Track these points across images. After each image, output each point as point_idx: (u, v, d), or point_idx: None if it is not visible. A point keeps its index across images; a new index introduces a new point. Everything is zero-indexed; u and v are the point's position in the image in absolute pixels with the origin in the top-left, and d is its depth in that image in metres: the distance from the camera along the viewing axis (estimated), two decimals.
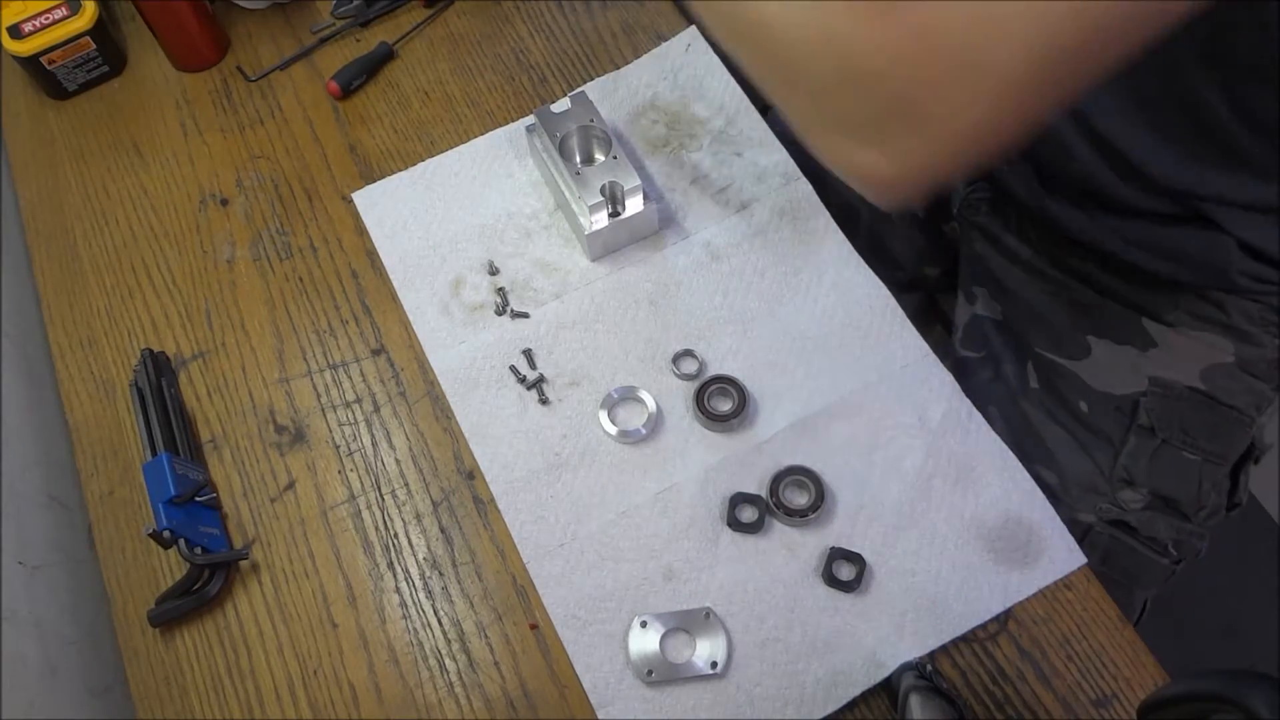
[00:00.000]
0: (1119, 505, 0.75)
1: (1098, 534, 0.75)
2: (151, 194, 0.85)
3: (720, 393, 0.70)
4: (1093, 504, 0.75)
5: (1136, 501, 0.75)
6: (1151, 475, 0.74)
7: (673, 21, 0.88)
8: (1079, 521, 0.76)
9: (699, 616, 0.63)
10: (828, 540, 0.65)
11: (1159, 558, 0.76)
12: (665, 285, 0.75)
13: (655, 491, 0.68)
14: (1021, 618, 0.63)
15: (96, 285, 0.81)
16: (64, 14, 0.86)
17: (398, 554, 0.68)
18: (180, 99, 0.90)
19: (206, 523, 0.68)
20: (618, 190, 0.73)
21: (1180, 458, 0.74)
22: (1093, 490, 0.76)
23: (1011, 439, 0.75)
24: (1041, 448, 0.77)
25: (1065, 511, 0.77)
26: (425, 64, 0.89)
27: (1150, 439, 0.74)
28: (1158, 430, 0.74)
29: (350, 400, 0.74)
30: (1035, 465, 0.76)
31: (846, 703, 0.60)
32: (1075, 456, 0.76)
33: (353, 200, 0.82)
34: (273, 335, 0.77)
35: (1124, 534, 0.76)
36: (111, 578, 0.70)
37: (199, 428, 0.74)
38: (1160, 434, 0.74)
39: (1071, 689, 0.61)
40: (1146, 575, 0.77)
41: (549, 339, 0.74)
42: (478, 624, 0.65)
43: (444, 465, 0.71)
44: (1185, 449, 0.74)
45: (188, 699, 0.65)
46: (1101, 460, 0.76)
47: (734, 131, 0.82)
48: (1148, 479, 0.75)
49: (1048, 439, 0.77)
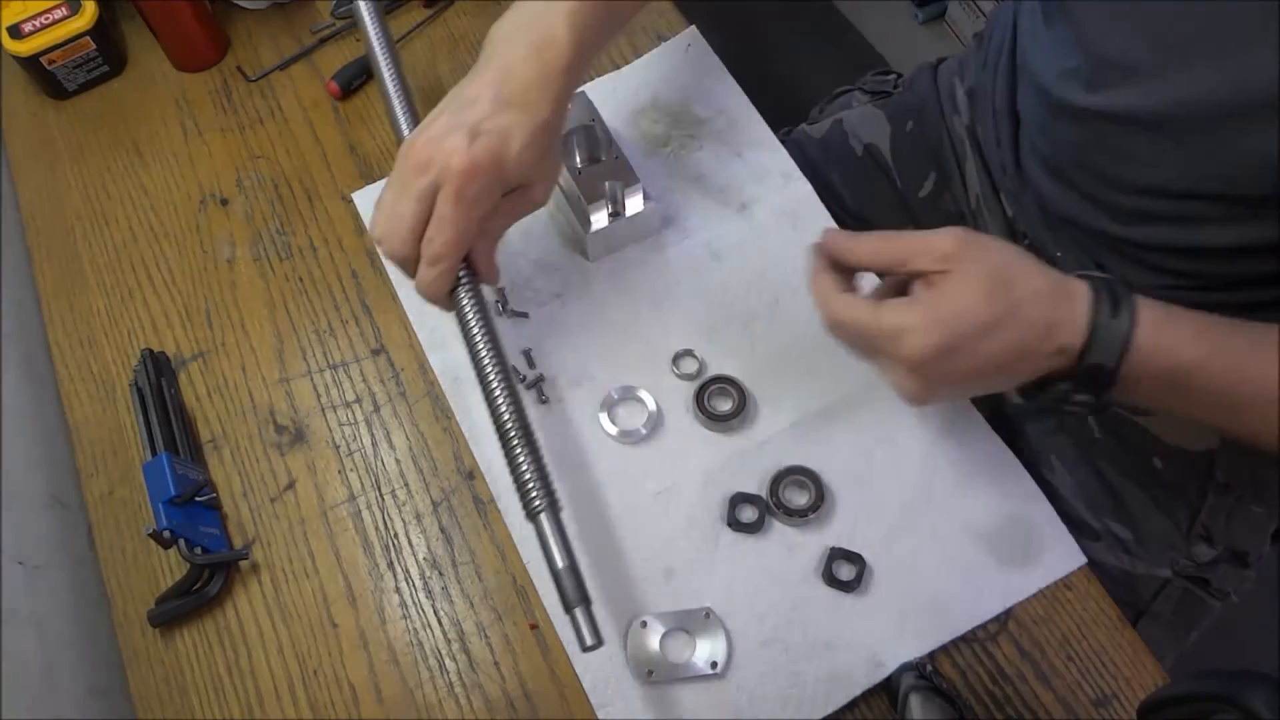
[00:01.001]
0: (1193, 559, 0.75)
1: (1173, 587, 0.76)
2: (151, 194, 0.85)
3: (720, 393, 0.70)
4: (1168, 559, 0.75)
5: (1208, 555, 0.75)
6: (1228, 531, 0.74)
7: (673, 22, 0.89)
8: (1155, 576, 0.76)
9: (699, 616, 0.63)
10: (828, 540, 0.65)
11: (1217, 602, 0.77)
12: (665, 285, 0.75)
13: (655, 491, 0.68)
14: (1021, 618, 0.63)
15: (96, 285, 0.81)
16: (64, 14, 0.86)
17: (398, 554, 0.68)
18: (180, 99, 0.90)
19: (206, 523, 0.68)
20: (618, 190, 0.73)
21: (1250, 512, 0.74)
22: (1169, 546, 0.75)
23: (1080, 491, 0.75)
24: (1116, 503, 0.76)
25: (1141, 566, 0.77)
26: (425, 64, 0.89)
27: (1226, 497, 0.74)
28: (1233, 488, 0.74)
29: (350, 400, 0.74)
30: (1105, 519, 0.76)
31: (846, 703, 0.60)
32: (1152, 514, 0.76)
33: (353, 200, 0.82)
34: (273, 335, 0.77)
35: (1196, 586, 0.76)
36: (111, 578, 0.70)
37: (199, 428, 0.74)
38: (1235, 491, 0.74)
39: (1071, 689, 0.61)
40: (1204, 619, 0.77)
41: (549, 339, 0.74)
42: (478, 624, 0.65)
43: (444, 465, 0.71)
44: (1256, 504, 0.74)
45: (188, 699, 0.65)
46: (1180, 518, 0.75)
47: (734, 132, 0.82)
48: (1225, 535, 0.74)
49: (1124, 496, 0.76)
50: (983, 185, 0.85)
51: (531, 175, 0.62)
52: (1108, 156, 0.65)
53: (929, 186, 0.90)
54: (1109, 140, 0.64)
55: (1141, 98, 0.60)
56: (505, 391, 0.61)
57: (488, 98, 0.60)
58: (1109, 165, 0.66)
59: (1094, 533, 0.76)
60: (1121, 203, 0.67)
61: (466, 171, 0.57)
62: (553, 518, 0.58)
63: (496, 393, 0.60)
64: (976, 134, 0.85)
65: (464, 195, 0.58)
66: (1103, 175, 0.67)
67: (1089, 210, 0.70)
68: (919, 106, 0.92)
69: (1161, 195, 0.63)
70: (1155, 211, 0.65)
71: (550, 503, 0.58)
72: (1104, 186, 0.67)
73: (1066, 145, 0.69)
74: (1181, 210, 0.63)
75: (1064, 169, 0.71)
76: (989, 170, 0.84)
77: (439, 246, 0.59)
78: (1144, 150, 0.62)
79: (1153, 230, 0.66)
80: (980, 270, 0.53)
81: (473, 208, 0.58)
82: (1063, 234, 0.75)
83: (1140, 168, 0.63)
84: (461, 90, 0.62)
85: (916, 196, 0.91)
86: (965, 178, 0.88)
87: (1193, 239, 0.64)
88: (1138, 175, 0.64)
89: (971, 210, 0.88)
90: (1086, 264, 0.74)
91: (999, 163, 0.82)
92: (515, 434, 0.59)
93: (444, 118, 0.60)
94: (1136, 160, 0.63)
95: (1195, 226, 0.63)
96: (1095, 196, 0.69)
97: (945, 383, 0.54)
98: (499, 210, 0.62)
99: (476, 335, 0.62)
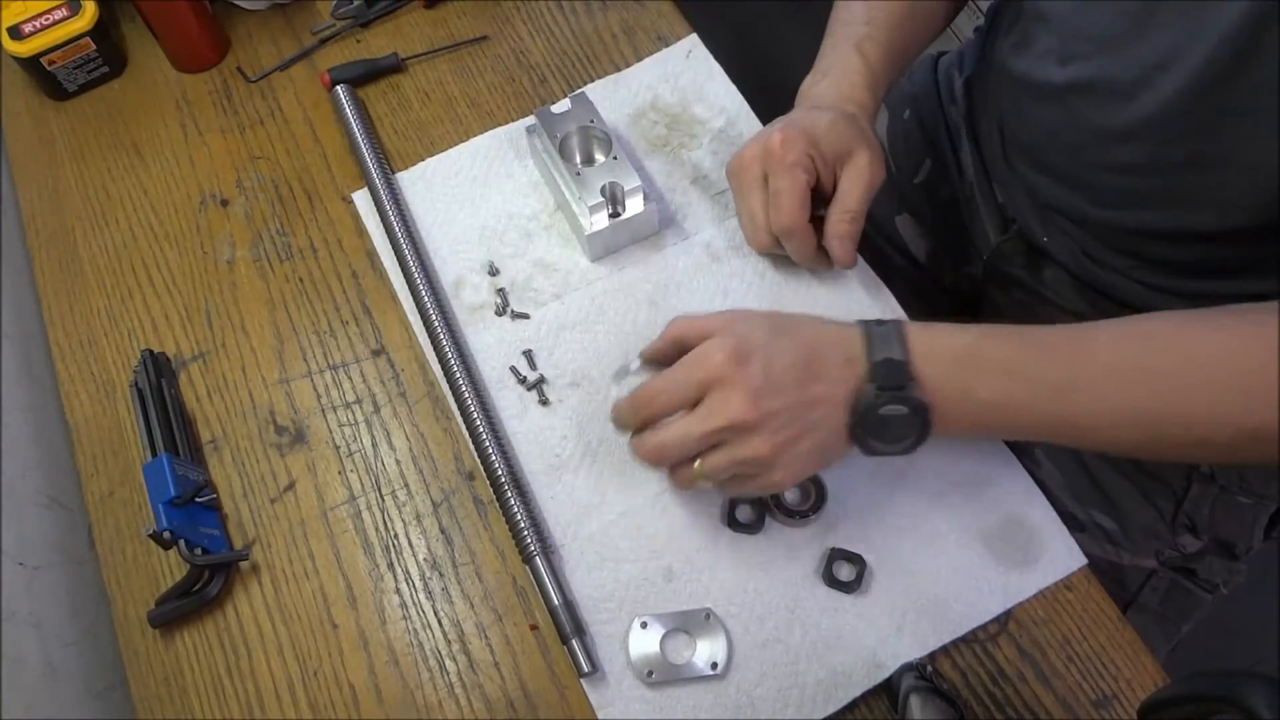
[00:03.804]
0: (1178, 549, 0.76)
1: (1159, 578, 0.76)
2: (151, 194, 0.85)
3: None
4: (1153, 549, 0.76)
5: (1194, 545, 0.76)
6: (1213, 521, 0.75)
7: (673, 23, 0.89)
8: (1141, 567, 0.76)
9: (699, 617, 0.63)
10: (828, 541, 0.65)
11: (1207, 595, 0.77)
12: (665, 286, 0.75)
13: (655, 492, 0.68)
14: (1022, 618, 0.63)
15: (96, 285, 0.81)
16: (64, 14, 0.86)
17: (398, 555, 0.68)
18: (180, 99, 0.90)
19: (206, 523, 0.68)
20: (618, 191, 0.73)
21: (1236, 502, 0.75)
22: (1154, 536, 0.76)
23: (1065, 483, 0.75)
24: (1100, 495, 0.77)
25: (1127, 557, 0.77)
26: (425, 65, 0.89)
27: (1210, 486, 0.74)
28: (1217, 477, 0.74)
29: (350, 401, 0.74)
30: (1092, 510, 0.76)
31: (847, 703, 0.60)
32: (1137, 504, 0.76)
33: (353, 201, 0.82)
34: (273, 336, 0.77)
35: (1183, 577, 0.76)
36: (111, 578, 0.70)
37: (199, 428, 0.74)
38: (1219, 480, 0.74)
39: (1072, 690, 0.61)
40: (1196, 612, 0.77)
41: (549, 340, 0.74)
42: (478, 625, 0.65)
43: (444, 466, 0.71)
44: (1241, 494, 0.74)
45: (188, 700, 0.65)
46: (1164, 508, 0.75)
47: (734, 132, 0.82)
48: (1209, 525, 0.75)
49: (1108, 487, 0.77)
50: (977, 173, 0.86)
51: (845, 144, 0.66)
52: (1083, 134, 0.66)
53: (924, 174, 0.91)
54: (1083, 117, 0.65)
55: (1110, 65, 0.61)
56: (495, 446, 0.68)
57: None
58: (1084, 143, 0.67)
59: (1080, 524, 0.76)
60: (1099, 181, 0.67)
61: (782, 143, 0.66)
62: (546, 560, 0.64)
63: (488, 448, 0.68)
64: (974, 123, 0.86)
65: (784, 161, 0.65)
66: (1078, 154, 0.68)
67: (1070, 194, 0.71)
68: (918, 95, 0.93)
69: (1137, 171, 0.64)
70: (1136, 191, 0.65)
71: (543, 548, 0.65)
72: (1083, 167, 0.68)
73: (1044, 129, 0.70)
74: (1157, 186, 0.63)
75: (1042, 155, 0.72)
76: (983, 157, 0.85)
77: (783, 217, 0.66)
78: (1117, 123, 0.63)
79: (1135, 214, 0.67)
80: (754, 313, 0.60)
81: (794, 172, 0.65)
82: (1050, 222, 0.76)
83: (1116, 143, 0.64)
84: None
85: (911, 183, 0.91)
86: (960, 165, 0.88)
87: (1178, 223, 0.64)
88: (1114, 152, 0.65)
89: (965, 197, 0.88)
90: (1074, 250, 0.75)
91: (991, 151, 0.83)
92: (507, 484, 0.66)
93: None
94: (1110, 135, 0.64)
95: (1172, 208, 0.64)
96: (1075, 179, 0.70)
97: (771, 413, 0.55)
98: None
99: (467, 398, 0.70)
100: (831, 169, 0.67)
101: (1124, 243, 0.70)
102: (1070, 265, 0.76)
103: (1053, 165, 0.72)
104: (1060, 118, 0.67)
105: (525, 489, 0.68)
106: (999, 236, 0.84)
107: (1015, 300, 0.84)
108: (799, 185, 0.65)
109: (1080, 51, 0.64)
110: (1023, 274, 0.82)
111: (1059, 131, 0.68)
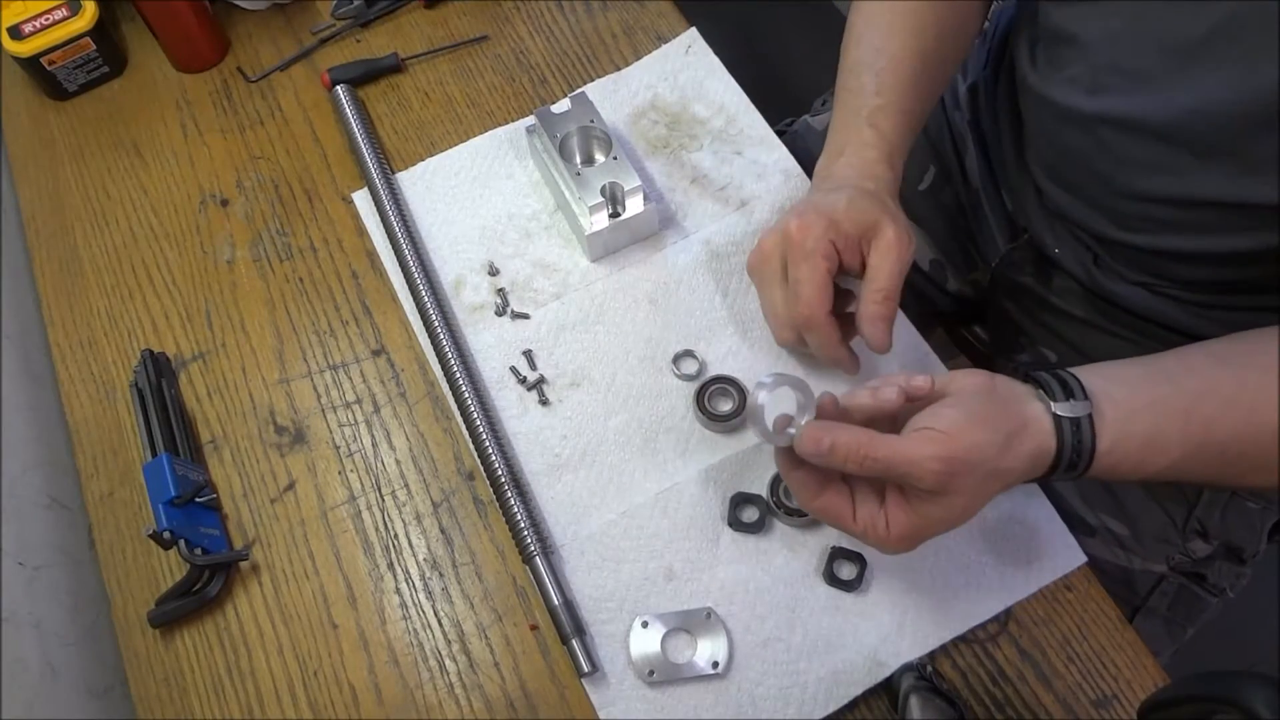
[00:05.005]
0: (1189, 555, 0.75)
1: (1169, 583, 0.76)
2: (151, 194, 0.85)
3: (720, 393, 0.70)
4: (1164, 554, 0.75)
5: (1204, 551, 0.75)
6: (1224, 527, 0.75)
7: (673, 23, 0.89)
8: (1151, 572, 0.76)
9: (700, 616, 0.63)
10: (828, 540, 0.65)
11: (1214, 599, 0.77)
12: (665, 285, 0.75)
13: (655, 492, 0.68)
14: (1022, 618, 0.63)
15: (96, 285, 0.81)
16: (64, 15, 0.86)
17: (398, 555, 0.68)
18: (180, 100, 0.90)
19: (207, 524, 0.68)
20: (618, 191, 0.73)
21: (1245, 508, 0.74)
22: (1165, 541, 0.75)
23: (1076, 487, 0.74)
24: (1111, 499, 0.76)
25: (1137, 562, 0.77)
26: (425, 65, 0.89)
27: (1221, 491, 0.74)
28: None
29: (350, 401, 0.74)
30: (1102, 515, 0.76)
31: (847, 703, 0.60)
32: (1148, 509, 0.76)
33: (353, 201, 0.82)
34: (273, 336, 0.77)
35: (1192, 582, 0.76)
36: (111, 578, 0.70)
37: (199, 428, 0.74)
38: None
39: (1072, 690, 0.61)
40: (1202, 616, 0.77)
41: (549, 340, 0.74)
42: (478, 625, 0.65)
43: (444, 466, 0.71)
44: (1249, 499, 0.74)
45: (188, 700, 0.65)
46: (1175, 513, 0.75)
47: (734, 130, 0.82)
48: (1220, 531, 0.75)
49: (1119, 492, 0.76)
50: (983, 179, 0.85)
51: (868, 220, 0.62)
52: (1112, 163, 0.65)
53: (929, 180, 0.90)
54: (1113, 147, 0.64)
55: (1146, 104, 0.60)
56: (495, 446, 0.68)
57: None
58: (1113, 172, 0.65)
59: (1090, 528, 0.76)
60: (1125, 209, 0.66)
61: (799, 229, 0.62)
62: (545, 561, 0.64)
63: (488, 448, 0.68)
64: (981, 128, 0.85)
65: (803, 248, 0.62)
66: (1106, 182, 0.66)
67: (1092, 215, 0.70)
68: None
69: (1166, 203, 0.63)
70: (1159, 218, 0.64)
71: (543, 548, 0.65)
72: (1108, 193, 0.67)
73: (1069, 151, 0.69)
74: (1186, 218, 0.63)
75: (1066, 174, 0.71)
76: (990, 164, 0.85)
77: (802, 309, 0.62)
78: (1148, 157, 0.62)
79: (1156, 237, 0.66)
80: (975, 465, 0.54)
81: (814, 260, 0.62)
82: (1062, 231, 0.75)
83: (1145, 175, 0.63)
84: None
85: (916, 190, 0.91)
86: (966, 171, 0.88)
87: (1198, 245, 0.64)
88: (1142, 183, 0.64)
89: (971, 204, 0.88)
90: (1086, 262, 0.74)
91: (999, 157, 0.82)
92: (507, 484, 0.67)
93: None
94: (1141, 167, 0.63)
95: (1200, 234, 0.63)
96: (1098, 202, 0.69)
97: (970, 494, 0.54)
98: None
99: (467, 398, 0.70)
100: (857, 248, 0.63)
101: (1145, 263, 0.70)
102: (1081, 276, 0.75)
103: (1076, 184, 0.70)
104: (1089, 145, 0.66)
105: (525, 489, 0.68)
106: (1008, 244, 0.84)
107: (1022, 308, 0.84)
108: (818, 274, 0.62)
109: (1113, 85, 0.62)
110: (1031, 282, 0.81)
111: (1087, 158, 0.67)
